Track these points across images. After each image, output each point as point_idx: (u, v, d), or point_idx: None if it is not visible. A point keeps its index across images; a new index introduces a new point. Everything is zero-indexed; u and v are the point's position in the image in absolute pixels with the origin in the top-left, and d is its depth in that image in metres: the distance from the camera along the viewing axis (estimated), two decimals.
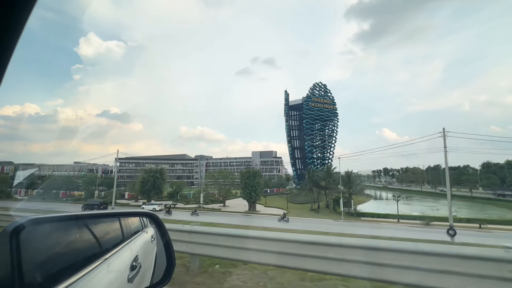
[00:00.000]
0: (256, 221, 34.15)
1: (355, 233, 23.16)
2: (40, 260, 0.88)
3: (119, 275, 1.29)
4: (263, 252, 4.13)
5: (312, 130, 72.40)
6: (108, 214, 1.73)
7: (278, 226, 27.92)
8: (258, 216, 41.22)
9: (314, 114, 72.37)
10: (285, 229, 21.70)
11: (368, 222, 36.40)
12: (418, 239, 19.10)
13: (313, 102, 72.96)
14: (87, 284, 0.98)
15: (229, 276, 4.74)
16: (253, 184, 46.05)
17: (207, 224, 24.15)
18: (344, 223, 35.14)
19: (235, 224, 26.73)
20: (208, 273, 4.91)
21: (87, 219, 1.34)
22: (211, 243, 4.74)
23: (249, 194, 46.04)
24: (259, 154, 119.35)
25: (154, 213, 1.85)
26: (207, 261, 5.31)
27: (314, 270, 3.75)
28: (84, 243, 1.21)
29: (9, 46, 0.56)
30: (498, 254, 2.88)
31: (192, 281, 4.56)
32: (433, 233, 28.12)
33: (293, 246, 3.90)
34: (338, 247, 3.57)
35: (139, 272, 1.45)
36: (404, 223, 35.66)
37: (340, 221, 37.67)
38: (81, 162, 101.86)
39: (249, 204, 47.25)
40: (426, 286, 3.04)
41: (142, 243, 1.78)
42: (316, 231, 22.34)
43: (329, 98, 74.77)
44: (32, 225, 0.85)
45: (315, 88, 75.00)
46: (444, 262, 3.02)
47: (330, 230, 24.33)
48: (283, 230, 19.29)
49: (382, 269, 3.27)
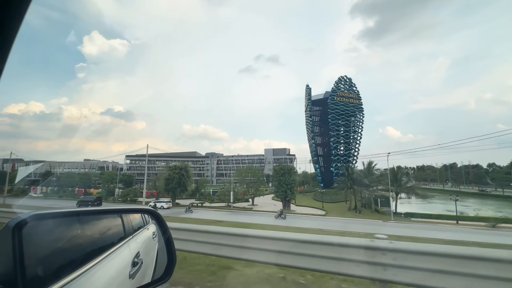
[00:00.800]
0: (336, 224, 30.25)
1: (438, 238, 20.37)
2: (42, 255, 0.88)
3: (120, 271, 1.31)
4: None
5: (337, 126, 69.33)
6: (110, 211, 1.62)
7: (370, 231, 24.45)
8: (308, 217, 38.19)
9: (339, 109, 69.23)
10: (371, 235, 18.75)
11: (424, 224, 33.47)
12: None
13: (339, 97, 69.77)
14: (88, 280, 1.00)
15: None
16: (288, 181, 43.17)
17: (302, 229, 21.41)
18: (399, 224, 32.29)
19: (338, 230, 23.26)
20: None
21: (89, 215, 1.32)
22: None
23: (284, 192, 43.17)
24: (272, 152, 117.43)
25: (155, 210, 1.81)
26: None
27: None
28: (86, 239, 1.21)
29: (6, 43, 0.56)
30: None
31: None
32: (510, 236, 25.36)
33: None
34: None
35: (140, 268, 1.46)
36: (465, 224, 32.81)
37: (390, 222, 34.83)
38: (90, 159, 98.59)
39: (284, 203, 44.40)
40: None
41: (144, 240, 1.77)
42: (409, 237, 19.41)
43: (354, 93, 71.57)
44: (34, 221, 0.84)
45: (340, 82, 71.78)
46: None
47: (409, 234, 21.52)
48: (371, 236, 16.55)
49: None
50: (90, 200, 42.15)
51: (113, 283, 1.21)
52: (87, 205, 39.09)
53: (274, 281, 4.15)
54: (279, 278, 4.19)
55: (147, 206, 20.53)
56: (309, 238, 3.86)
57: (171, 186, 49.15)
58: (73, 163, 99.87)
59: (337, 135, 69.05)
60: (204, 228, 4.85)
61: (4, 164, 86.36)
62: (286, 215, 34.23)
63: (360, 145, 70.39)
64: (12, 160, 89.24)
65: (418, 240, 17.87)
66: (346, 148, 70.29)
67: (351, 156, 69.45)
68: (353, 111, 70.39)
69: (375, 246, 3.36)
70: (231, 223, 24.74)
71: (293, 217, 37.15)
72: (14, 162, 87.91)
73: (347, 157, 69.23)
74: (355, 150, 70.16)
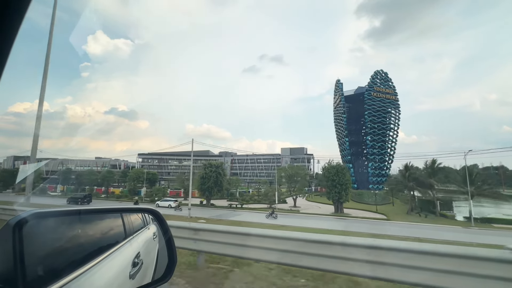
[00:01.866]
0: (422, 231, 25.38)
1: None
2: (42, 254, 0.87)
3: (120, 271, 1.30)
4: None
5: (374, 123, 65.17)
6: (111, 210, 1.64)
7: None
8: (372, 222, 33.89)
9: (376, 105, 65.12)
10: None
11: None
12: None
13: (375, 92, 65.63)
14: (88, 280, 0.99)
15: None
16: (342, 181, 38.98)
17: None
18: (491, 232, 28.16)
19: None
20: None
21: (90, 214, 1.31)
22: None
23: (338, 193, 38.94)
24: (289, 151, 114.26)
25: (156, 210, 1.78)
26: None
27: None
28: (87, 238, 1.20)
29: (7, 41, 0.56)
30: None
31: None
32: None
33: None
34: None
35: (140, 269, 1.45)
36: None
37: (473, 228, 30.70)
38: (101, 157, 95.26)
39: (336, 205, 40.18)
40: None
41: (144, 240, 1.76)
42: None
43: (390, 88, 67.43)
44: (34, 219, 0.84)
45: (376, 76, 67.50)
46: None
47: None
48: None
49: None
50: (79, 197, 41.40)
51: (114, 283, 1.21)
52: (77, 202, 38.78)
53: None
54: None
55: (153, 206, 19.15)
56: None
57: (207, 185, 44.94)
58: (85, 161, 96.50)
59: (374, 132, 64.88)
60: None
61: (16, 161, 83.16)
62: (277, 215, 31.80)
63: (396, 144, 66.29)
64: (21, 157, 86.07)
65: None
66: (381, 146, 66.11)
67: (387, 155, 65.38)
68: (389, 108, 66.29)
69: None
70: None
71: (355, 221, 32.98)
72: (24, 159, 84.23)
73: (383, 156, 65.16)
74: (391, 149, 66.10)
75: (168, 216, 19.58)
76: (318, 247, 3.88)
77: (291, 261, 4.06)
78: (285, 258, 4.09)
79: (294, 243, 4.08)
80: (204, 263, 5.03)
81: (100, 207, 1.54)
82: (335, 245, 3.81)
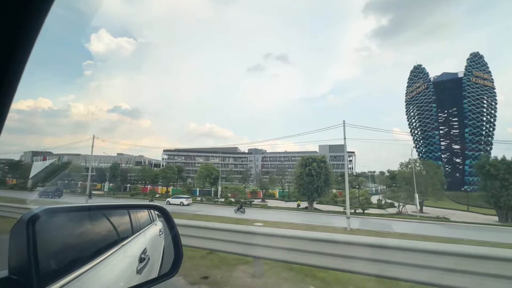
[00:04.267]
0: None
1: None
2: (54, 248, 0.90)
3: (128, 266, 1.34)
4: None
5: (473, 113, 55.32)
6: (119, 206, 1.70)
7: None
8: None
9: (475, 92, 55.31)
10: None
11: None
12: None
13: (474, 77, 55.82)
14: (97, 274, 1.03)
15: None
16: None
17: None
18: None
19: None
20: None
21: (99, 210, 1.34)
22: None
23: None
24: (328, 148, 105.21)
25: (163, 206, 1.77)
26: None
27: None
28: (96, 233, 1.24)
29: (28, 44, 0.56)
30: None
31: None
32: None
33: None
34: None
35: (147, 264, 1.50)
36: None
37: None
38: (123, 153, 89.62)
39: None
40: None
41: (151, 236, 1.80)
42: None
43: (487, 73, 57.76)
44: (46, 215, 0.87)
45: (473, 59, 57.69)
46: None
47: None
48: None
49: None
50: (50, 191, 41.32)
51: (122, 277, 1.25)
52: (48, 196, 38.93)
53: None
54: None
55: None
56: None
57: (316, 185, 34.37)
58: (109, 157, 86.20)
59: (473, 124, 54.97)
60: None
61: (34, 157, 78.46)
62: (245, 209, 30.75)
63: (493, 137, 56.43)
64: (39, 153, 76.62)
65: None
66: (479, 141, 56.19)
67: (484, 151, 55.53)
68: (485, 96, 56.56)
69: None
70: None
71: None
72: (43, 155, 74.73)
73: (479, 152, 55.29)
74: (487, 144, 56.30)
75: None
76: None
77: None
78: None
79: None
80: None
81: (110, 203, 1.54)
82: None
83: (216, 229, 5.03)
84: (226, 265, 5.11)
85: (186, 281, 4.38)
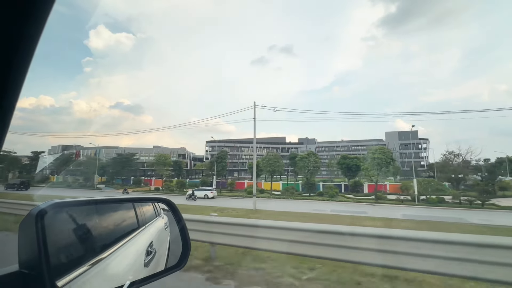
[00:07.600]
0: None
1: None
2: (63, 241, 0.92)
3: (135, 259, 1.35)
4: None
5: None
6: (125, 200, 1.74)
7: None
8: None
9: None
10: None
11: None
12: None
13: None
14: (106, 267, 1.04)
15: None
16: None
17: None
18: None
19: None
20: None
21: (105, 203, 1.36)
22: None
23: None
24: (397, 135, 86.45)
25: (169, 199, 1.80)
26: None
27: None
28: (103, 227, 1.25)
29: (31, 43, 0.57)
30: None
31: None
32: None
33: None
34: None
35: (154, 257, 1.50)
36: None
37: None
38: (160, 146, 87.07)
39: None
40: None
41: (157, 229, 1.81)
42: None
43: None
44: (54, 209, 0.88)
45: None
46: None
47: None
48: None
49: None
50: (16, 183, 41.97)
51: (130, 270, 1.26)
52: (14, 188, 39.54)
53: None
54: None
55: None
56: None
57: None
58: (148, 149, 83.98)
59: None
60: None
61: (64, 151, 77.13)
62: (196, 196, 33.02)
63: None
64: (69, 146, 78.74)
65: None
66: None
67: None
68: None
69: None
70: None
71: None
72: (76, 149, 75.05)
73: None
74: None
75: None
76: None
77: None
78: None
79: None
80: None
81: (116, 197, 1.55)
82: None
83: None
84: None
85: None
